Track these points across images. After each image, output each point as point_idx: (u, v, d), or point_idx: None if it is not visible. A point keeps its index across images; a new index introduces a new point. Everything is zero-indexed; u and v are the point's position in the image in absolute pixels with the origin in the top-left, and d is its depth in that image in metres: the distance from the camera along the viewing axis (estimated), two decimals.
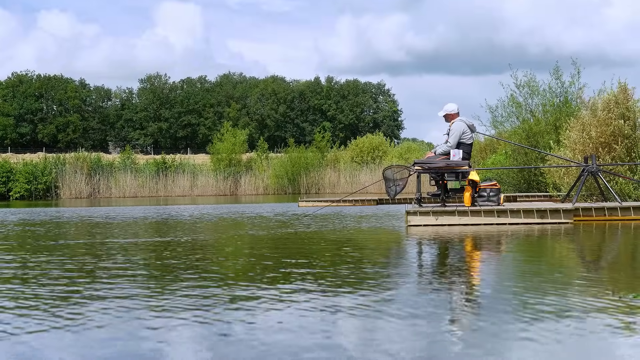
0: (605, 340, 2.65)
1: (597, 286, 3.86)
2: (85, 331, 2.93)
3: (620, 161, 11.13)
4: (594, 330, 2.78)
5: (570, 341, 2.63)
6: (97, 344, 2.71)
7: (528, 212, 8.95)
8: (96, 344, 2.71)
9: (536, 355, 2.44)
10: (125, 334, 2.87)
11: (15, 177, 35.49)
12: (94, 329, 2.97)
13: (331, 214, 12.37)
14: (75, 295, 3.82)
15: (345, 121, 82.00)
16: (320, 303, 3.44)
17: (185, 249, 6.35)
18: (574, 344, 2.60)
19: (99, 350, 2.61)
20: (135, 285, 4.13)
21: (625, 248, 6.39)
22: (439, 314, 3.16)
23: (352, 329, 2.92)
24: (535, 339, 2.64)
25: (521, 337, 2.69)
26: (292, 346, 2.61)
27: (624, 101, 11.41)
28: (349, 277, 4.32)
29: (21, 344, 2.75)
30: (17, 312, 3.39)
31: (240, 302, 3.50)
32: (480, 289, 3.92)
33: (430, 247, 6.59)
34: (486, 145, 23.94)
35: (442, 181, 9.54)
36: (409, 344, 2.63)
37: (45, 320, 3.16)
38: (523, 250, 6.34)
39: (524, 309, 3.18)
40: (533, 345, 2.57)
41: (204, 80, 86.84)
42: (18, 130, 75.27)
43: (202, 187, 37.01)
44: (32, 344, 2.73)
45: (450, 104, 9.78)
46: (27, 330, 2.98)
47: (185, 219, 11.57)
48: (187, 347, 2.66)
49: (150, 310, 3.33)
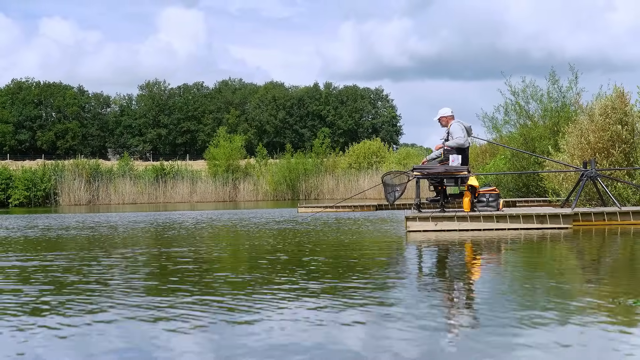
0: (604, 346, 2.66)
1: (597, 292, 3.87)
2: (88, 339, 2.94)
3: (618, 166, 11.15)
4: (593, 336, 2.79)
5: (570, 347, 2.64)
6: (100, 352, 2.72)
7: (527, 218, 8.97)
8: (99, 352, 2.72)
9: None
10: (127, 343, 2.88)
11: (15, 184, 35.50)
12: (97, 336, 2.98)
13: (330, 220, 12.38)
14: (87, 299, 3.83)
15: (344, 127, 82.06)
16: (319, 309, 3.45)
17: (195, 259, 6.36)
18: (573, 349, 2.61)
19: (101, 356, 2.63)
20: (136, 293, 4.14)
21: (624, 253, 6.40)
22: (438, 319, 3.17)
23: (352, 336, 2.92)
24: (534, 345, 2.65)
25: (520, 343, 2.69)
26: (293, 352, 2.62)
27: (621, 106, 11.43)
28: (348, 283, 4.33)
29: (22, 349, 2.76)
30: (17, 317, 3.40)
31: (240, 309, 3.51)
32: (479, 295, 3.93)
33: (429, 253, 6.59)
34: (485, 150, 23.96)
35: (441, 187, 9.55)
36: (409, 348, 2.64)
37: (48, 328, 3.17)
38: (522, 255, 6.35)
39: (523, 315, 3.19)
40: (532, 351, 2.57)
41: (201, 87, 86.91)
42: (17, 137, 75.28)
43: (201, 193, 37.01)
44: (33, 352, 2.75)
45: (444, 108, 9.84)
46: (27, 337, 2.99)
47: (189, 225, 11.57)
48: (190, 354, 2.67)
49: (154, 319, 3.34)
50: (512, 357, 2.51)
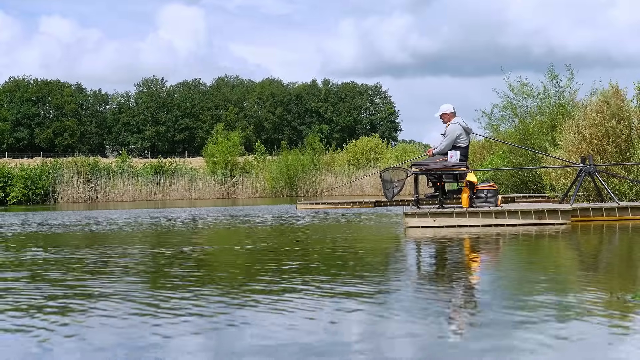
0: (604, 341, 2.67)
1: (596, 287, 3.88)
2: (87, 337, 2.95)
3: (614, 161, 11.16)
4: (592, 331, 2.79)
5: (569, 342, 2.65)
6: (99, 351, 2.73)
7: (526, 213, 8.97)
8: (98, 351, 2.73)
9: (535, 356, 2.46)
10: (126, 343, 2.88)
11: (13, 182, 35.44)
12: (97, 334, 2.99)
13: (329, 216, 12.38)
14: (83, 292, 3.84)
15: (342, 123, 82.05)
16: (319, 306, 3.45)
17: (198, 256, 6.37)
18: (572, 344, 2.62)
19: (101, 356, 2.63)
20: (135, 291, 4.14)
21: (623, 248, 6.41)
22: (436, 316, 3.18)
23: (350, 333, 2.93)
24: (533, 340, 2.66)
25: (519, 338, 2.70)
26: (293, 348, 2.63)
27: (617, 102, 11.44)
28: (346, 279, 4.33)
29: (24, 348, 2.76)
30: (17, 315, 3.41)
31: (240, 306, 3.52)
32: (478, 291, 3.94)
33: (428, 249, 6.60)
34: (484, 147, 23.97)
35: (440, 183, 9.55)
36: (408, 345, 2.65)
37: (48, 326, 3.18)
38: (521, 251, 6.36)
39: (522, 310, 3.20)
40: (531, 346, 2.58)
41: (199, 84, 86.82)
42: (15, 135, 75.20)
43: (199, 190, 36.95)
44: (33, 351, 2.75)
45: (446, 105, 9.79)
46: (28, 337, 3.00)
47: (188, 222, 11.57)
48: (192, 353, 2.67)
49: (154, 316, 3.34)
50: (511, 354, 2.51)
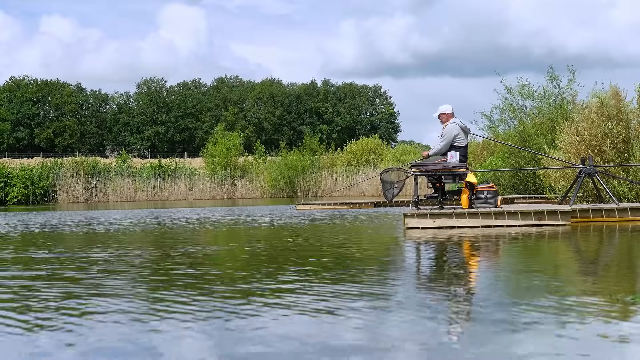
0: (604, 344, 2.67)
1: (596, 288, 3.88)
2: (87, 340, 2.95)
3: (611, 163, 11.15)
4: (592, 333, 2.79)
5: (569, 343, 2.65)
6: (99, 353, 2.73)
7: (525, 214, 8.98)
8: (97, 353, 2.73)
9: (534, 358, 2.46)
10: (127, 343, 2.88)
11: (13, 182, 35.46)
12: (96, 336, 2.99)
13: (329, 217, 12.38)
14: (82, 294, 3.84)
15: (342, 124, 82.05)
16: (317, 306, 3.45)
17: (198, 256, 6.37)
18: (572, 346, 2.62)
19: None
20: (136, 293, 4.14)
21: (623, 250, 6.41)
22: (436, 316, 3.17)
23: (350, 332, 2.93)
24: (532, 342, 2.66)
25: (518, 340, 2.70)
26: (294, 350, 2.63)
27: (616, 103, 11.44)
28: (346, 280, 4.33)
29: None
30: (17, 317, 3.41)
31: (242, 307, 3.51)
32: (477, 292, 3.94)
33: (427, 250, 6.60)
34: (484, 148, 23.97)
35: (440, 183, 9.55)
36: (408, 346, 2.65)
37: (48, 328, 3.18)
38: (521, 252, 6.36)
39: (521, 312, 3.20)
40: (530, 348, 2.58)
41: (199, 84, 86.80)
42: (15, 135, 75.17)
43: (199, 190, 36.97)
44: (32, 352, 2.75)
45: (445, 105, 9.80)
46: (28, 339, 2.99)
47: (187, 223, 11.57)
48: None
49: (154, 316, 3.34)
50: (510, 356, 2.52)
